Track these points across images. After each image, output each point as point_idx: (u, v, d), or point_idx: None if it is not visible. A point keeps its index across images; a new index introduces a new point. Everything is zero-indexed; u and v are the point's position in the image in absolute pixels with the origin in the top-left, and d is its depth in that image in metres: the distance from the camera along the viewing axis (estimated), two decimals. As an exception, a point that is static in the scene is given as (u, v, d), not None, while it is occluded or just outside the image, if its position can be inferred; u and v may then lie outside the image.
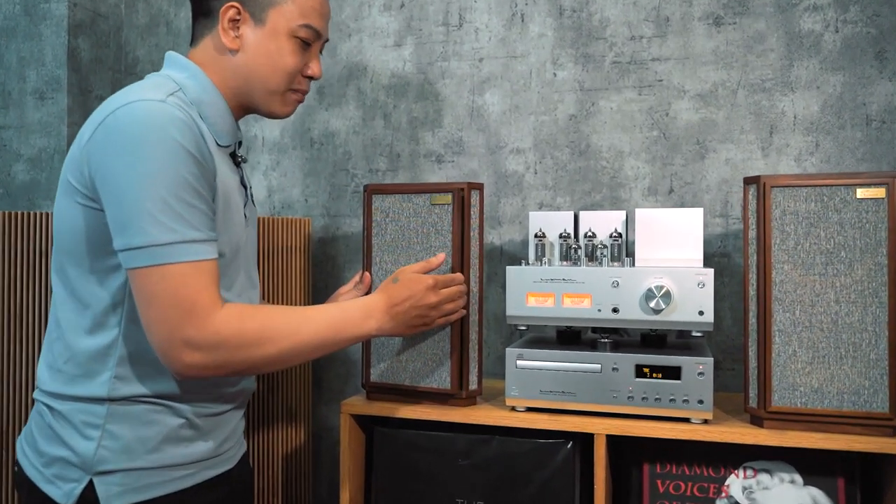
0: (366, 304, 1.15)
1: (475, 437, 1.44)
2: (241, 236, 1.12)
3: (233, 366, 1.01)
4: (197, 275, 0.97)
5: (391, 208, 1.45)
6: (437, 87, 1.90)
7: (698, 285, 1.32)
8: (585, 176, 1.79)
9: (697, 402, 1.32)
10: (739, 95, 1.69)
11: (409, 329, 1.20)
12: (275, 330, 1.02)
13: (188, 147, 0.98)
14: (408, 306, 1.17)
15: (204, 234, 0.99)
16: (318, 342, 1.07)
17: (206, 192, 1.00)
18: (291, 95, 1.16)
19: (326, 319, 1.08)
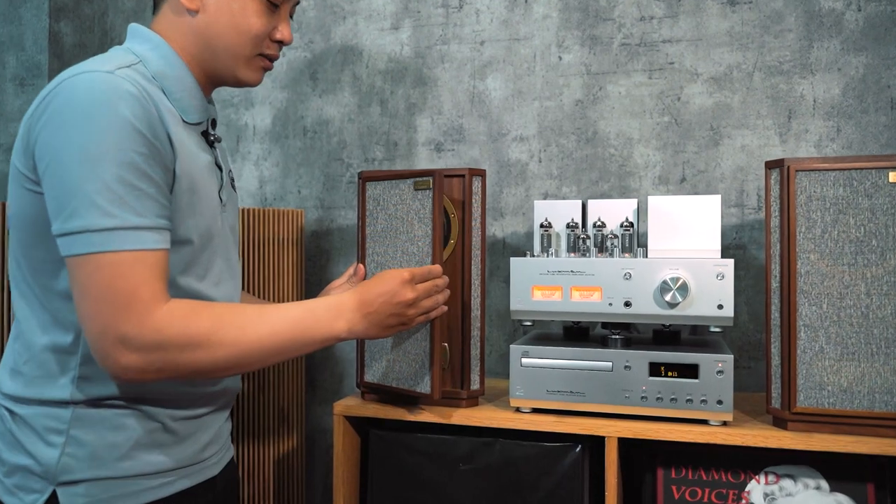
0: (335, 303, 1.03)
1: (477, 441, 1.35)
2: (214, 222, 1.03)
3: (176, 369, 0.91)
4: (138, 266, 0.87)
5: (381, 196, 1.36)
6: (437, 72, 1.81)
7: (717, 277, 1.23)
8: (593, 164, 1.70)
9: (716, 402, 1.23)
10: (756, 78, 1.60)
11: (384, 330, 1.07)
12: (226, 330, 0.92)
13: (137, 124, 0.88)
14: (381, 304, 1.05)
15: (149, 221, 0.89)
16: (277, 345, 0.96)
17: (157, 175, 0.90)
18: (258, 61, 1.06)
19: (288, 319, 0.97)
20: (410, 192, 1.30)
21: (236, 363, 0.93)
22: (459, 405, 1.38)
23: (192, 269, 0.99)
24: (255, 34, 1.02)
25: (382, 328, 1.06)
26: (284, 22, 1.06)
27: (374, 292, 1.05)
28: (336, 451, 1.44)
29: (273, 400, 1.70)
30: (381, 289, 1.05)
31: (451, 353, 1.39)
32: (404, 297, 1.06)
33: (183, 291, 0.98)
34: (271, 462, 1.69)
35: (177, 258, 0.96)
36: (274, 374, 1.70)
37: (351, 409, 1.42)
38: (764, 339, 1.58)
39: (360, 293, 1.04)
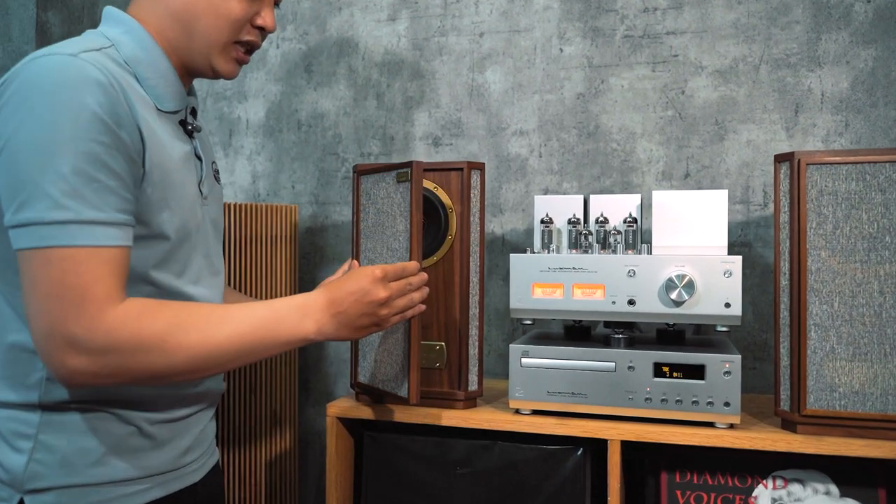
0: (303, 303, 0.96)
1: (475, 443, 1.31)
2: (192, 216, 0.98)
3: (129, 374, 0.85)
4: (92, 262, 0.82)
5: (371, 190, 1.31)
6: (434, 65, 1.77)
7: (724, 274, 1.19)
8: (594, 159, 1.66)
9: (723, 404, 1.18)
10: (762, 71, 1.56)
11: (356, 331, 0.99)
12: (184, 332, 0.86)
13: (99, 111, 0.83)
14: (351, 303, 0.97)
15: (108, 216, 0.83)
16: (239, 347, 0.90)
17: (119, 167, 0.84)
18: (235, 50, 1.00)
19: (252, 320, 0.92)
20: (394, 185, 1.25)
21: (196, 367, 0.88)
22: (457, 407, 1.34)
23: (168, 264, 0.94)
24: (235, 18, 0.97)
25: (353, 329, 0.99)
26: (268, 8, 1.01)
27: (344, 291, 0.98)
28: (329, 453, 1.39)
29: (265, 401, 1.65)
30: (351, 287, 0.99)
31: (448, 353, 1.34)
32: (376, 296, 0.99)
33: (159, 288, 0.93)
34: (263, 465, 1.65)
35: (149, 253, 0.91)
36: (266, 375, 1.65)
37: (344, 410, 1.38)
38: (772, 338, 1.54)
39: (330, 292, 0.99)
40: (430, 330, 1.35)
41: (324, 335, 0.97)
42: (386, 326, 1.03)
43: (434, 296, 1.35)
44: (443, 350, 1.35)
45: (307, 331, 0.95)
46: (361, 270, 1.00)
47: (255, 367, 1.61)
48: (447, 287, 1.34)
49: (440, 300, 1.35)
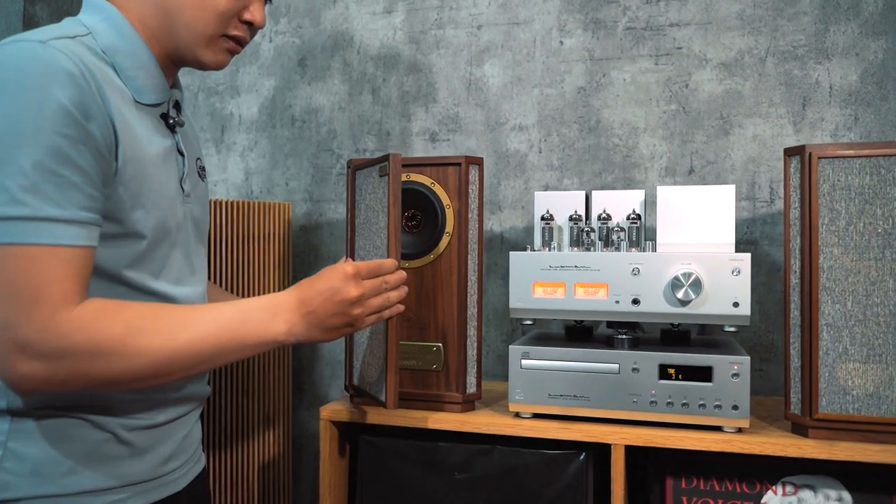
0: (272, 302, 0.91)
1: (474, 448, 1.26)
2: (172, 214, 0.93)
3: (85, 380, 0.80)
4: (48, 262, 0.77)
5: (361, 185, 1.26)
6: (431, 58, 1.72)
7: (733, 272, 1.14)
8: (596, 155, 1.61)
9: (731, 407, 1.14)
10: (768, 64, 1.51)
11: (328, 332, 0.94)
12: (144, 335, 0.81)
13: (66, 103, 0.78)
14: (322, 302, 0.92)
15: (69, 213, 0.78)
16: (204, 350, 0.85)
17: (86, 163, 0.79)
18: (223, 43, 0.95)
19: (218, 321, 0.87)
20: (378, 180, 1.20)
21: (157, 372, 0.83)
22: (455, 410, 1.29)
23: (143, 264, 0.89)
24: (221, 11, 0.92)
25: (325, 329, 0.94)
26: (258, 2, 0.96)
27: (314, 290, 0.93)
28: (323, 458, 1.35)
29: (257, 403, 1.60)
30: (321, 286, 0.94)
31: (445, 355, 1.30)
32: (347, 295, 0.93)
33: (134, 289, 0.88)
34: (255, 469, 1.60)
35: (123, 252, 0.86)
36: (258, 376, 1.61)
37: (338, 413, 1.33)
38: (779, 339, 1.50)
39: (300, 290, 0.94)
40: (427, 331, 1.31)
41: (294, 336, 0.92)
42: (360, 327, 0.97)
43: (431, 295, 1.30)
44: (440, 351, 1.30)
45: (276, 332, 0.90)
46: (333, 268, 0.95)
47: (246, 368, 1.57)
48: (444, 286, 1.30)
49: (437, 300, 1.30)
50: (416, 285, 1.31)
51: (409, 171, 1.32)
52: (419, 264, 1.31)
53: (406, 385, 1.32)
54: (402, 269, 1.05)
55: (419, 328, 1.32)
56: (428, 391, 1.31)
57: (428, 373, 1.31)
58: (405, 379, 1.32)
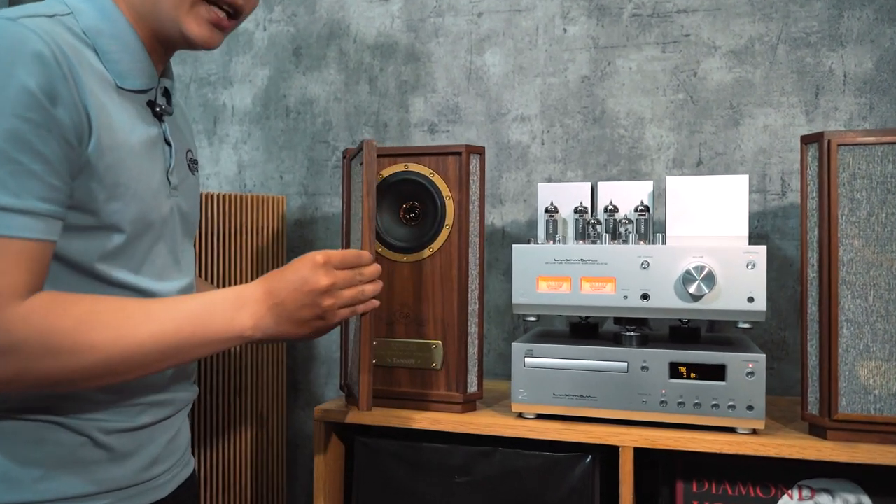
0: (237, 295, 0.85)
1: (475, 450, 1.21)
2: (156, 206, 0.87)
3: (34, 378, 0.74)
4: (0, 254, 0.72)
5: (356, 176, 1.21)
6: (430, 47, 1.66)
7: (747, 266, 1.09)
8: (600, 146, 1.56)
9: (746, 408, 1.08)
10: (780, 51, 1.46)
11: (299, 327, 0.87)
12: (98, 329, 0.75)
13: (31, 85, 0.72)
14: (290, 293, 0.86)
15: (25, 204, 0.72)
16: (163, 346, 0.79)
17: (50, 150, 0.74)
18: (205, 11, 0.87)
19: (179, 315, 0.81)
20: (358, 169, 1.13)
21: (112, 369, 0.77)
22: (455, 410, 1.24)
23: (122, 258, 0.83)
24: None
25: (295, 323, 0.86)
26: None
27: (282, 280, 0.87)
28: (317, 460, 1.29)
29: (250, 403, 1.55)
30: (289, 275, 0.87)
31: (445, 353, 1.24)
32: (316, 284, 0.86)
33: (110, 284, 0.82)
34: (249, 471, 1.54)
35: (97, 245, 0.81)
36: (251, 375, 1.55)
37: (333, 413, 1.27)
38: (791, 336, 1.44)
39: (267, 282, 0.87)
40: (427, 327, 1.25)
41: (263, 331, 0.85)
42: (333, 321, 0.90)
43: (430, 291, 1.25)
44: (439, 349, 1.25)
45: (242, 326, 0.84)
46: (302, 257, 0.89)
47: (239, 366, 1.51)
48: (444, 281, 1.24)
49: (436, 295, 1.25)
50: (414, 280, 1.26)
51: (407, 160, 1.26)
52: (418, 258, 1.25)
53: (404, 384, 1.27)
54: (378, 263, 0.98)
55: (417, 325, 1.26)
56: (427, 390, 1.25)
57: (427, 371, 1.25)
58: (403, 378, 1.27)
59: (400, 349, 1.26)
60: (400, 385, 1.27)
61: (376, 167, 1.03)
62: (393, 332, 1.27)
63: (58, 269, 0.78)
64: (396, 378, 1.27)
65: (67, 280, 0.78)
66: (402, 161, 1.26)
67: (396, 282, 1.27)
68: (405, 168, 1.26)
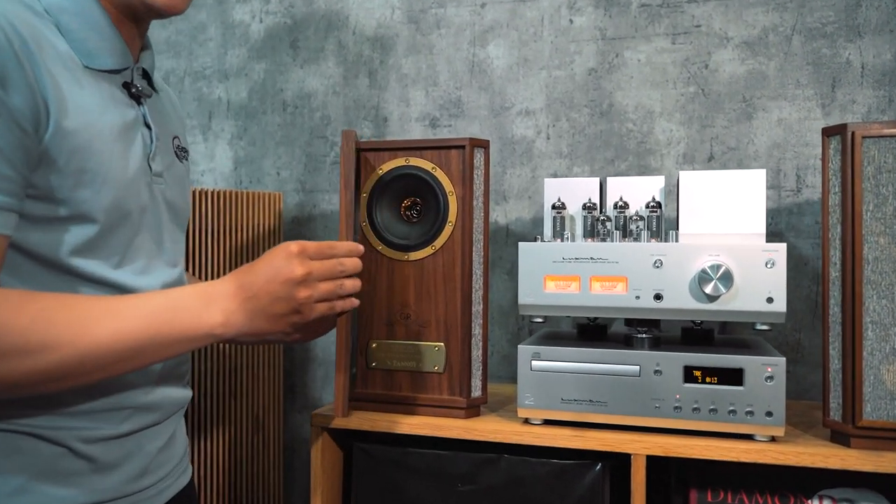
0: (206, 290, 0.79)
1: (479, 457, 1.16)
2: (135, 195, 0.81)
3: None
4: None
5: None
6: (432, 39, 1.61)
7: (766, 265, 1.04)
8: (608, 141, 1.50)
9: (765, 414, 1.03)
10: (795, 42, 1.41)
11: (274, 322, 0.81)
12: (52, 329, 0.70)
13: None
14: (263, 285, 0.80)
15: None
16: (125, 345, 0.73)
17: (1, 137, 0.68)
18: None
19: (142, 313, 0.75)
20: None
21: (69, 371, 0.71)
22: (458, 416, 1.18)
23: (97, 251, 0.78)
24: None
25: (269, 318, 0.80)
26: None
27: (255, 272, 0.81)
28: (314, 467, 1.24)
29: (246, 406, 1.50)
30: (262, 267, 0.81)
31: (448, 355, 1.19)
32: (291, 274, 0.81)
33: (85, 279, 0.77)
34: (245, 476, 1.49)
35: (67, 238, 0.75)
36: (247, 377, 1.50)
37: (331, 418, 1.22)
38: (807, 338, 1.39)
39: (239, 275, 0.82)
40: (428, 329, 1.20)
41: (234, 328, 0.80)
42: (309, 316, 0.84)
43: (432, 290, 1.20)
44: (442, 351, 1.19)
45: (212, 322, 0.78)
46: (276, 247, 0.84)
47: (234, 367, 1.46)
48: (447, 280, 1.19)
49: (439, 295, 1.19)
50: (415, 279, 1.20)
51: (408, 155, 1.21)
52: (419, 256, 1.20)
53: (405, 388, 1.21)
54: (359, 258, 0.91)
55: (418, 326, 1.21)
56: (428, 395, 1.20)
57: (428, 375, 1.20)
58: (404, 381, 1.21)
59: (400, 351, 1.21)
60: (400, 389, 1.22)
61: (354, 159, 0.97)
62: (393, 333, 1.22)
63: (27, 265, 0.73)
64: (397, 382, 1.22)
65: (38, 276, 0.73)
66: (403, 155, 1.21)
67: (397, 281, 1.21)
68: (406, 163, 1.20)
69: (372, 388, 1.23)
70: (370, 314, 1.23)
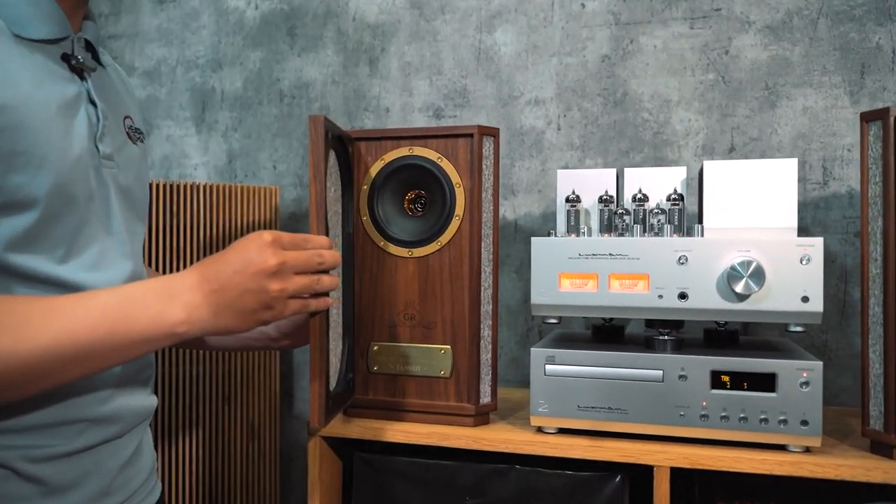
0: (166, 283, 0.71)
1: (488, 468, 1.08)
2: (80, 180, 0.73)
3: None
4: None
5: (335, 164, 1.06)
6: (436, 25, 1.53)
7: (801, 261, 0.96)
8: (622, 132, 1.42)
9: (800, 423, 0.95)
10: (821, 26, 1.33)
11: (243, 318, 0.74)
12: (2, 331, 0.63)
13: None
14: (230, 276, 0.72)
15: None
16: (74, 350, 0.65)
17: None
18: None
19: (92, 312, 0.67)
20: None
21: (11, 382, 0.63)
22: (466, 423, 1.10)
23: (38, 245, 0.69)
24: None
25: (238, 314, 0.72)
26: None
27: (223, 262, 0.73)
28: (311, 478, 1.16)
29: (241, 412, 1.42)
30: (231, 256, 0.73)
31: (454, 359, 1.11)
32: (263, 264, 0.73)
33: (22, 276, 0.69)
34: (239, 487, 1.41)
35: (4, 229, 0.67)
36: (241, 381, 1.42)
37: (330, 427, 1.14)
38: (833, 340, 1.31)
39: (204, 266, 0.74)
40: (433, 331, 1.12)
41: (198, 325, 0.72)
42: (282, 312, 0.76)
43: (438, 289, 1.12)
44: (448, 355, 1.11)
45: (173, 319, 0.70)
46: (248, 236, 0.76)
47: (227, 371, 1.38)
48: (454, 278, 1.11)
49: (445, 294, 1.11)
50: (420, 278, 1.12)
51: (412, 144, 1.13)
52: (424, 253, 1.12)
53: (409, 394, 1.13)
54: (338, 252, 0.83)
55: (423, 328, 1.13)
56: (434, 401, 1.12)
57: (434, 380, 1.12)
58: (408, 387, 1.13)
59: (404, 355, 1.13)
60: (404, 395, 1.14)
61: (323, 147, 0.87)
62: (396, 335, 1.14)
63: None
64: (400, 387, 1.14)
65: None
66: (407, 144, 1.13)
67: (400, 279, 1.13)
68: (410, 152, 1.12)
69: (373, 393, 1.15)
70: (371, 315, 1.15)
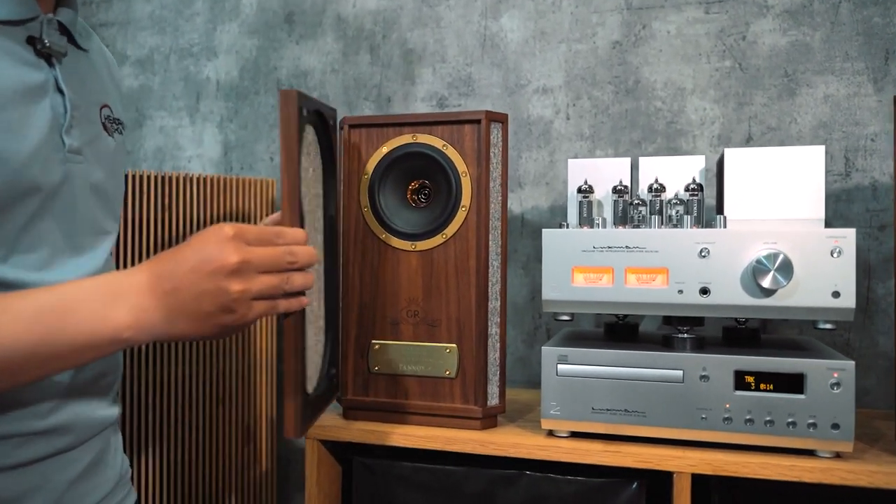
0: (111, 282, 0.63)
1: (496, 474, 1.02)
2: (43, 173, 0.67)
3: None
4: None
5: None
6: (439, 10, 1.47)
7: (832, 254, 0.90)
8: (634, 121, 1.36)
9: (830, 426, 0.89)
10: (843, 10, 1.27)
11: (198, 323, 0.64)
12: None
13: None
14: (186, 273, 0.63)
15: None
16: (12, 353, 0.58)
17: None
18: None
19: (27, 314, 0.59)
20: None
21: None
22: (473, 427, 1.04)
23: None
24: None
25: (194, 318, 0.63)
26: None
27: (178, 259, 0.64)
28: (308, 484, 1.10)
29: (236, 414, 1.37)
30: (188, 253, 0.64)
31: (461, 358, 1.05)
32: (224, 261, 0.63)
33: None
34: (234, 492, 1.36)
35: None
36: (237, 382, 1.36)
37: (329, 429, 1.08)
38: (856, 339, 1.25)
39: (155, 263, 0.65)
40: (438, 329, 1.06)
41: (148, 330, 0.64)
42: (247, 316, 0.66)
43: (443, 285, 1.06)
44: (454, 354, 1.05)
45: (117, 323, 0.63)
46: (207, 229, 0.67)
47: (222, 371, 1.33)
48: (459, 273, 1.05)
49: (450, 290, 1.05)
50: (424, 272, 1.06)
51: (415, 131, 1.07)
52: (428, 246, 1.06)
53: (412, 395, 1.07)
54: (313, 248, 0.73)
55: (428, 325, 1.07)
56: (439, 403, 1.06)
57: (439, 380, 1.06)
58: (411, 388, 1.07)
59: (407, 354, 1.07)
60: (407, 396, 1.08)
61: (297, 126, 0.75)
62: (399, 333, 1.08)
63: None
64: (403, 388, 1.08)
65: None
66: (410, 131, 1.07)
67: (403, 274, 1.07)
68: (413, 139, 1.06)
69: (375, 395, 1.09)
70: (372, 312, 1.09)
